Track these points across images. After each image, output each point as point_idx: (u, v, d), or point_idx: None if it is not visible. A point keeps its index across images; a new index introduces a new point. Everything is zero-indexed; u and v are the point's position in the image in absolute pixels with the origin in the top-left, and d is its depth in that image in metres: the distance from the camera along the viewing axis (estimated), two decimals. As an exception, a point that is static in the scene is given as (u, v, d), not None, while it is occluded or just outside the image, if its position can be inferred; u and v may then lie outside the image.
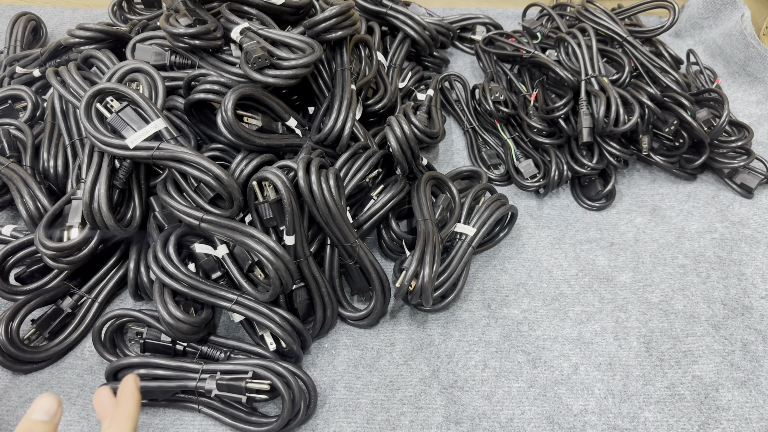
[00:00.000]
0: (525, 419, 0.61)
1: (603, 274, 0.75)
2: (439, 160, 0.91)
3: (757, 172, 0.85)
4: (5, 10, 1.16)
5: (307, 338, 0.64)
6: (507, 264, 0.76)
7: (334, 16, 0.67)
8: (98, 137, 0.57)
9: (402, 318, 0.70)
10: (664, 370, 0.66)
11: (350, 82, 0.72)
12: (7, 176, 0.68)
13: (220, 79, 0.65)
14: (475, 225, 0.72)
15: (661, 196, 0.86)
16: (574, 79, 0.83)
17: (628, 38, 0.91)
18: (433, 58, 1.02)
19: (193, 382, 0.57)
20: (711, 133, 0.81)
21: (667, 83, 0.87)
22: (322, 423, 0.61)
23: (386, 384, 0.64)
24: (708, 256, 0.77)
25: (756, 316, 0.70)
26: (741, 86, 1.03)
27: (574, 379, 0.65)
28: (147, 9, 1.02)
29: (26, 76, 0.85)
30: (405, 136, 0.69)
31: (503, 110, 0.89)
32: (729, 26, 1.08)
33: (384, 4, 0.92)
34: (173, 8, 0.70)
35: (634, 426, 0.61)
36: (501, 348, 0.67)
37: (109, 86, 0.59)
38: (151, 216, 0.66)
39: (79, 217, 0.62)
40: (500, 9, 1.21)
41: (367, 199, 0.72)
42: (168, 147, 0.58)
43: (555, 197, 0.86)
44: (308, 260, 0.63)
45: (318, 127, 0.72)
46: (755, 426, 0.61)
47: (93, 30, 0.76)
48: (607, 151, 0.81)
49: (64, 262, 0.62)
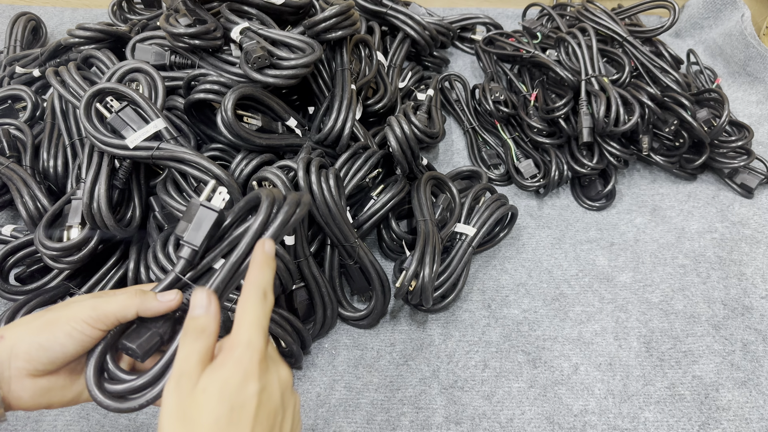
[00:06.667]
0: (525, 419, 0.61)
1: (603, 274, 0.75)
2: (439, 160, 0.91)
3: (758, 172, 0.85)
4: (5, 10, 1.16)
5: (307, 338, 0.64)
6: (507, 264, 0.76)
7: (334, 15, 0.67)
8: (98, 137, 0.57)
9: (402, 318, 0.70)
10: (665, 370, 0.66)
11: (350, 82, 0.72)
12: (7, 176, 0.68)
13: (220, 79, 0.65)
14: (475, 225, 0.72)
15: (662, 196, 0.86)
16: (574, 79, 0.83)
17: (628, 38, 0.91)
18: (433, 58, 1.02)
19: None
20: (711, 133, 0.81)
21: (668, 83, 0.87)
22: (322, 423, 0.61)
23: (386, 384, 0.64)
24: (708, 256, 0.77)
25: (756, 316, 0.70)
26: (741, 86, 1.03)
27: (575, 379, 0.65)
28: (147, 9, 1.02)
29: (26, 76, 0.85)
30: (405, 136, 0.69)
31: (503, 110, 0.89)
32: (729, 26, 1.08)
33: (384, 3, 0.92)
34: (173, 8, 0.70)
35: (635, 426, 0.61)
36: (501, 348, 0.67)
37: (108, 86, 0.59)
38: (151, 216, 0.66)
39: (79, 217, 0.62)
40: (500, 9, 1.21)
41: (367, 199, 0.72)
42: (168, 147, 0.58)
43: (555, 197, 0.86)
44: (308, 260, 0.63)
45: (318, 127, 0.72)
46: (755, 426, 0.61)
47: (93, 30, 0.76)
48: (608, 151, 0.81)
49: (64, 262, 0.62)
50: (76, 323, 0.39)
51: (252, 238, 0.41)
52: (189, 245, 0.43)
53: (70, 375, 0.41)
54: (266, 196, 0.42)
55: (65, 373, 0.41)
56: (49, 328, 0.39)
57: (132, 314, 0.41)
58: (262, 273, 0.39)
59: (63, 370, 0.41)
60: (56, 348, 0.38)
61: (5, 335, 0.38)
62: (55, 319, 0.39)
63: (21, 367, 0.38)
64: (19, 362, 0.38)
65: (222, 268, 0.41)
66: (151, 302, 0.41)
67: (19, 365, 0.38)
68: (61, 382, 0.40)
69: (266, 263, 0.39)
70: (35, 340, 0.38)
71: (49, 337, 0.38)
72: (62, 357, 0.39)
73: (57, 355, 0.39)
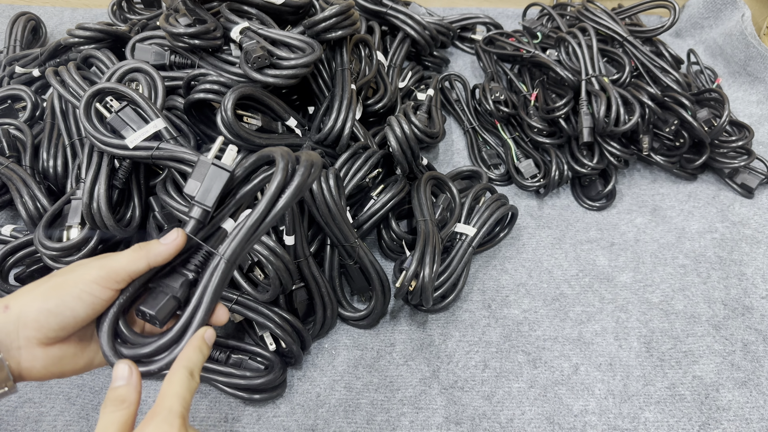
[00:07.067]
0: (525, 419, 0.61)
1: (603, 274, 0.75)
2: (439, 160, 0.91)
3: (758, 172, 0.85)
4: (5, 10, 1.16)
5: (307, 338, 0.64)
6: (507, 264, 0.76)
7: (334, 15, 0.67)
8: (98, 137, 0.57)
9: (402, 318, 0.70)
10: (665, 370, 0.66)
11: (350, 81, 0.72)
12: (7, 176, 0.68)
13: (219, 78, 0.65)
14: (475, 225, 0.71)
15: (662, 196, 0.86)
16: (574, 78, 0.83)
17: (628, 38, 0.91)
18: (434, 57, 1.02)
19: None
20: (711, 133, 0.81)
21: (668, 83, 0.87)
22: (322, 423, 0.61)
23: (386, 384, 0.64)
24: (708, 256, 0.77)
25: (756, 316, 0.70)
26: (741, 86, 1.03)
27: (575, 380, 0.65)
28: (146, 9, 1.02)
29: (26, 75, 0.85)
30: (405, 135, 0.69)
31: (503, 110, 0.89)
32: (729, 26, 1.08)
33: (384, 3, 0.92)
34: (173, 8, 0.70)
35: (635, 426, 0.61)
36: (501, 348, 0.67)
37: (108, 86, 0.59)
38: (150, 216, 0.66)
39: (79, 217, 0.62)
40: (500, 8, 1.21)
41: (367, 199, 0.72)
42: (167, 147, 0.58)
43: (555, 197, 0.86)
44: (308, 260, 0.63)
45: (318, 127, 0.72)
46: (756, 426, 0.61)
47: (92, 30, 0.76)
48: (608, 151, 0.81)
49: (63, 263, 0.62)
50: (85, 285, 0.38)
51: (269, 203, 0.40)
52: (201, 206, 0.42)
53: (80, 341, 0.40)
54: (281, 156, 0.41)
55: (76, 339, 0.40)
56: (57, 293, 0.37)
57: (143, 266, 0.40)
58: (194, 354, 0.39)
59: (73, 337, 0.39)
60: (66, 313, 0.37)
61: (10, 304, 0.37)
62: (62, 282, 0.38)
63: (31, 336, 0.36)
64: (28, 331, 0.36)
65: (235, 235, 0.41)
66: (157, 247, 0.40)
67: (29, 334, 0.36)
68: (72, 350, 0.39)
69: (201, 348, 0.40)
70: (43, 306, 0.37)
71: (58, 302, 0.37)
72: (73, 322, 0.38)
73: (68, 321, 0.37)
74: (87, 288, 0.38)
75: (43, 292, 0.37)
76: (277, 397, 0.62)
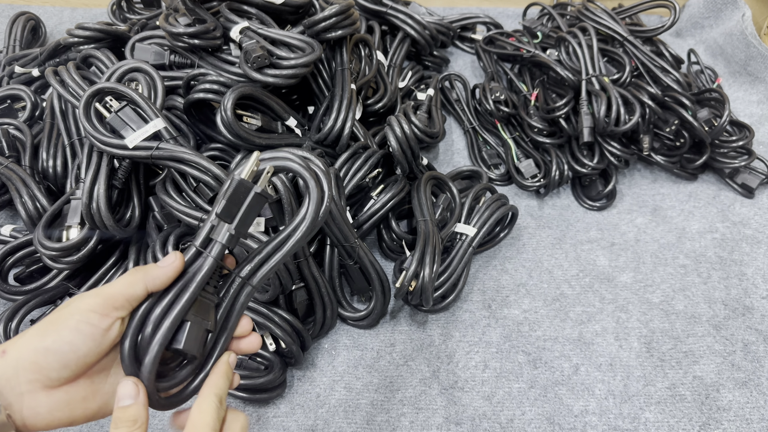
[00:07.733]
0: (525, 420, 0.61)
1: (604, 274, 0.75)
2: (440, 160, 0.91)
3: (758, 172, 0.85)
4: (4, 10, 1.16)
5: (307, 338, 0.64)
6: (507, 264, 0.76)
7: (333, 15, 0.67)
8: (97, 137, 0.57)
9: (402, 318, 0.70)
10: (665, 370, 0.65)
11: (350, 81, 0.71)
12: (6, 176, 0.68)
13: (219, 78, 0.65)
14: (475, 225, 0.71)
15: (662, 196, 0.86)
16: (574, 78, 0.82)
17: (628, 38, 0.90)
18: (434, 57, 1.02)
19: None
20: (712, 133, 0.81)
21: (668, 83, 0.86)
22: (322, 424, 0.61)
23: (386, 385, 0.64)
24: (709, 257, 0.77)
25: (757, 316, 0.70)
26: (742, 86, 1.03)
27: (575, 380, 0.64)
28: (146, 8, 1.01)
29: (25, 75, 0.85)
30: (405, 135, 0.69)
31: (504, 110, 0.89)
32: (730, 26, 1.08)
33: (384, 3, 0.92)
34: (172, 7, 0.69)
35: (635, 426, 0.61)
36: (501, 348, 0.67)
37: (108, 86, 0.58)
38: (150, 216, 0.66)
39: (78, 217, 0.62)
40: (500, 8, 1.21)
41: (367, 199, 0.72)
42: (167, 147, 0.58)
43: (555, 197, 0.86)
44: (308, 260, 0.63)
45: (318, 127, 0.72)
46: (756, 426, 0.61)
47: (92, 29, 0.76)
48: (608, 150, 0.81)
49: (63, 263, 0.62)
50: (81, 315, 0.36)
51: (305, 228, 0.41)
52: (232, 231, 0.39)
53: (91, 384, 0.37)
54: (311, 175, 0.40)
55: (86, 381, 0.37)
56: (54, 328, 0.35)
57: (141, 290, 0.38)
58: (222, 381, 0.39)
59: (82, 379, 0.37)
60: (65, 348, 0.35)
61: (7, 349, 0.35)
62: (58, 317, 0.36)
63: (33, 380, 0.34)
64: (28, 374, 0.34)
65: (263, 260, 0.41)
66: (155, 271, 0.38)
67: (30, 377, 0.34)
68: (81, 393, 0.37)
69: (227, 374, 0.40)
70: (40, 345, 0.34)
71: (56, 338, 0.35)
72: (75, 358, 0.35)
73: (68, 358, 0.35)
74: (84, 317, 0.36)
75: (38, 330, 0.35)
76: (276, 397, 0.62)
